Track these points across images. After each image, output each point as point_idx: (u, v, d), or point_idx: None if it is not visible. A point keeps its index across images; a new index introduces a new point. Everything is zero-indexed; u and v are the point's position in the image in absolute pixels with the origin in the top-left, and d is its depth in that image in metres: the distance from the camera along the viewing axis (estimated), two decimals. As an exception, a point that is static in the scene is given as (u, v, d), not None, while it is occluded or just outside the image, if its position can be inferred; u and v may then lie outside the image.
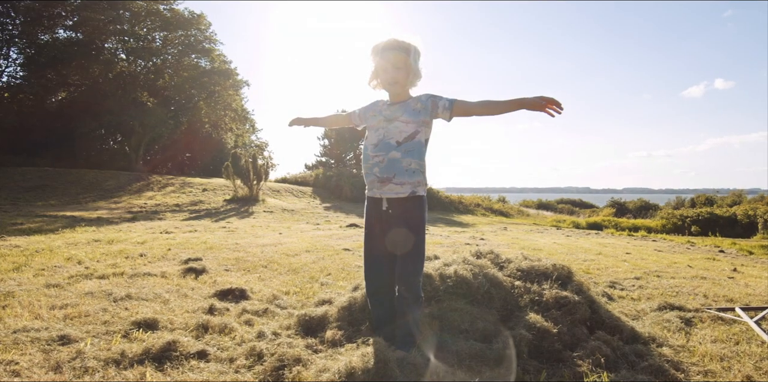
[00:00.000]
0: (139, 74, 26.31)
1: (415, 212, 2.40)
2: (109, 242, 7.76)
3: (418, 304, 2.39)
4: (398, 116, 2.43)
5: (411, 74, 2.43)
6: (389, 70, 2.41)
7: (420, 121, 2.41)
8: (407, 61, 2.39)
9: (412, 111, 2.42)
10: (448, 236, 11.76)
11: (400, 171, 2.39)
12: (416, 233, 2.39)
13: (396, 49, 2.38)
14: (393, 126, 2.42)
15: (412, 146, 2.40)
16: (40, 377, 1.86)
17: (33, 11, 22.92)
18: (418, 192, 2.41)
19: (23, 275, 4.35)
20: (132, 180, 22.05)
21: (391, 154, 2.40)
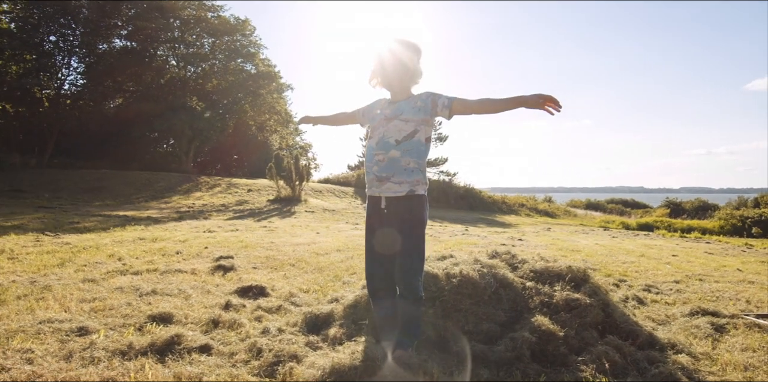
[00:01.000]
0: (189, 79, 27.40)
1: (413, 211, 2.38)
2: (153, 240, 8.12)
3: (418, 303, 2.37)
4: (398, 115, 2.42)
5: (410, 73, 2.42)
6: (388, 69, 2.42)
7: (420, 120, 2.40)
8: (406, 60, 2.39)
9: (412, 109, 2.41)
10: (485, 237, 11.57)
11: (399, 170, 2.38)
12: (414, 232, 2.37)
13: (396, 48, 2.39)
14: (392, 125, 2.42)
15: (411, 145, 2.39)
16: (50, 365, 1.98)
17: (92, 22, 24.32)
18: (417, 191, 2.40)
19: (66, 270, 4.62)
20: (182, 181, 22.98)
21: (390, 153, 2.39)
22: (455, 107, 2.38)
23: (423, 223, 2.40)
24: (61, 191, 19.55)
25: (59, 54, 24.31)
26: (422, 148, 2.43)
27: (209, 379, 1.88)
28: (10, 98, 22.72)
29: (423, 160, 2.45)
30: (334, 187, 27.62)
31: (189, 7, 26.19)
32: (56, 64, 24.36)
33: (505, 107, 2.28)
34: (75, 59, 25.04)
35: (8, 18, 23.15)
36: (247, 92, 26.74)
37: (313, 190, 25.29)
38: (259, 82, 26.90)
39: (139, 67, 24.64)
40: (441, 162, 39.28)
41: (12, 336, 2.32)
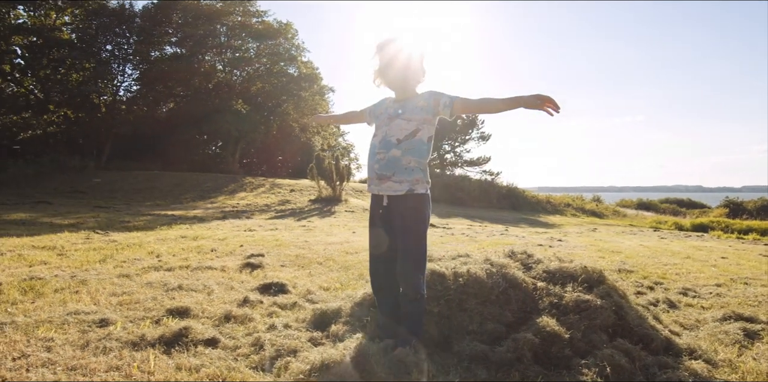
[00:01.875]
0: (235, 83, 28.29)
1: (413, 209, 2.38)
2: (194, 238, 8.44)
3: (419, 302, 2.36)
4: (400, 114, 2.43)
5: (412, 72, 2.42)
6: (388, 67, 2.43)
7: (421, 119, 2.40)
8: (405, 58, 2.39)
9: (414, 108, 2.41)
10: (524, 237, 11.33)
11: (399, 169, 2.39)
12: (415, 230, 2.37)
13: (395, 47, 2.40)
14: (395, 124, 2.43)
15: (412, 145, 2.40)
16: (65, 353, 2.11)
17: (144, 31, 25.55)
18: (416, 190, 2.40)
19: (105, 266, 4.89)
20: (228, 182, 23.75)
21: (391, 152, 2.41)
22: (456, 107, 2.39)
23: (423, 221, 2.40)
24: (116, 191, 20.62)
25: (115, 62, 25.68)
26: (423, 148, 2.43)
27: (208, 370, 1.95)
28: (71, 105, 24.19)
29: (424, 159, 2.44)
30: (375, 187, 27.77)
31: (235, 13, 27.05)
32: (112, 72, 25.74)
33: (504, 107, 2.28)
34: (129, 66, 26.39)
35: (69, 29, 24.67)
36: (290, 95, 27.33)
37: (353, 190, 25.55)
38: (300, 84, 27.44)
39: (187, 72, 25.68)
40: (483, 161, 38.73)
41: (39, 326, 2.49)
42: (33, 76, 23.46)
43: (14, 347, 2.13)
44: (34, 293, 3.35)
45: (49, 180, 20.65)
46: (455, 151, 39.41)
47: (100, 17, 24.62)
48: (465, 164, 39.41)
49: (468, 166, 39.31)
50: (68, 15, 25.03)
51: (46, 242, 6.75)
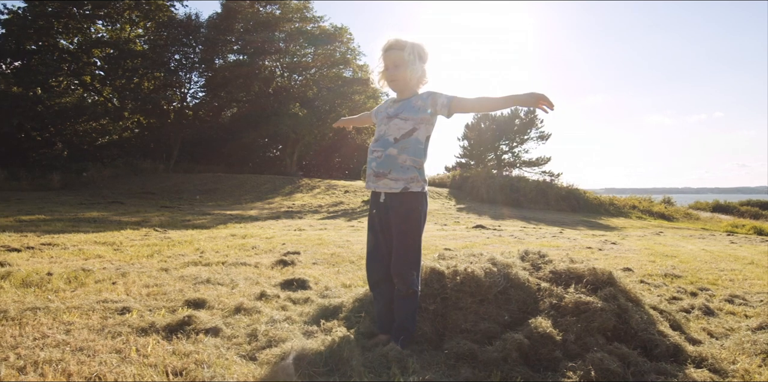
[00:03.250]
0: (292, 87, 29.22)
1: (407, 207, 2.43)
2: (243, 236, 8.82)
3: (412, 298, 2.39)
4: (398, 113, 2.49)
5: (410, 72, 2.46)
6: (390, 68, 2.49)
7: (418, 119, 2.45)
8: (406, 60, 2.43)
9: (412, 108, 2.46)
10: (575, 239, 10.91)
11: (395, 167, 2.44)
12: (408, 227, 2.41)
13: (397, 49, 2.45)
14: (393, 123, 2.49)
15: (408, 143, 2.45)
16: (80, 335, 2.31)
17: (209, 40, 26.97)
18: (411, 188, 2.45)
19: (151, 260, 5.24)
20: (285, 183, 24.57)
21: (388, 150, 2.47)
22: (453, 106, 2.41)
23: (417, 219, 2.43)
24: (182, 192, 21.90)
25: (182, 70, 27.30)
26: (420, 147, 2.47)
27: (197, 356, 2.07)
28: (143, 111, 25.98)
29: (420, 158, 2.48)
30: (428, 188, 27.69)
31: (293, 19, 27.96)
32: (180, 80, 27.36)
33: (500, 105, 2.34)
34: (195, 74, 27.99)
35: (142, 41, 26.49)
36: (344, 98, 27.87)
37: (407, 191, 25.64)
38: (353, 87, 27.91)
39: (248, 77, 26.85)
40: (543, 162, 37.62)
41: (67, 311, 2.73)
42: (110, 86, 25.39)
43: (38, 329, 2.37)
44: (78, 282, 3.66)
45: (123, 182, 22.27)
46: (513, 151, 38.56)
47: (169, 29, 26.27)
48: (523, 165, 38.48)
49: (527, 166, 38.34)
50: (141, 28, 26.89)
51: (107, 238, 7.31)
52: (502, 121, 37.55)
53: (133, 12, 25.62)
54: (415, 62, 2.45)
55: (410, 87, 2.52)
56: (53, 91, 23.85)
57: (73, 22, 24.31)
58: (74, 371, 1.86)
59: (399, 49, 2.44)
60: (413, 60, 2.44)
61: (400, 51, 2.43)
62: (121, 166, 23.11)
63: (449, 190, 27.69)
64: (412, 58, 2.44)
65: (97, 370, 1.88)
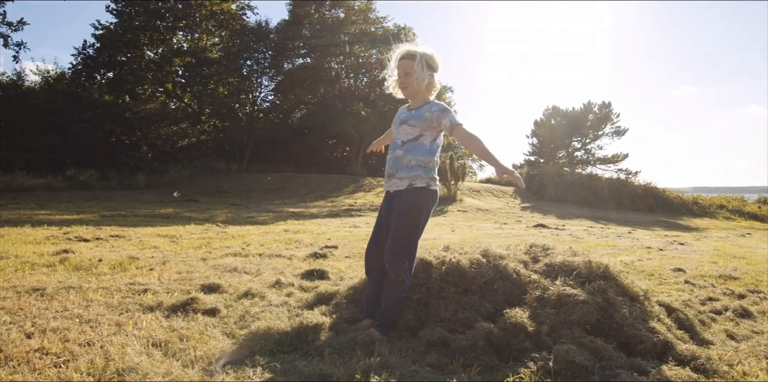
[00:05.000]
0: (357, 88, 29.79)
1: (409, 199, 2.56)
2: (295, 232, 9.19)
3: (399, 286, 2.46)
4: (408, 120, 2.67)
5: (419, 81, 2.60)
6: (402, 76, 2.66)
7: (425, 127, 2.62)
8: (416, 68, 2.58)
9: (420, 118, 2.62)
10: (638, 239, 10.30)
11: (401, 167, 2.62)
12: (406, 218, 2.53)
13: (408, 58, 2.62)
14: (402, 128, 2.69)
15: (413, 146, 2.63)
16: (95, 310, 2.60)
17: (278, 46, 28.15)
18: (416, 184, 2.58)
19: (197, 251, 5.63)
20: (349, 182, 25.13)
21: (396, 152, 2.67)
22: (454, 133, 2.55)
23: (416, 210, 2.55)
24: (252, 191, 23.06)
25: (254, 75, 28.69)
26: (424, 149, 2.63)
27: (184, 332, 2.26)
28: (218, 115, 27.64)
29: (426, 157, 2.62)
30: (493, 186, 27.16)
31: (357, 21, 28.50)
32: (252, 84, 28.79)
33: (486, 160, 2.52)
34: (265, 78, 29.31)
35: (217, 49, 28.17)
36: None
37: (471, 189, 25.27)
38: (416, 86, 27.93)
39: (314, 80, 27.72)
40: (619, 159, 35.51)
41: (95, 291, 3.06)
42: (189, 92, 27.24)
43: (63, 304, 2.68)
44: (120, 268, 4.05)
45: (199, 181, 23.84)
46: (586, 148, 36.77)
47: (241, 36, 27.73)
48: (597, 162, 36.55)
49: (601, 164, 36.39)
50: (217, 36, 28.61)
51: (170, 231, 7.92)
52: (574, 116, 35.94)
53: (210, 22, 27.30)
54: (424, 71, 2.60)
55: (420, 94, 2.67)
56: (139, 98, 26.02)
57: (157, 34, 26.37)
58: (72, 337, 2.11)
59: (410, 59, 2.60)
60: (422, 69, 2.59)
61: (411, 60, 2.60)
62: (198, 167, 24.71)
63: (515, 188, 26.97)
64: (421, 67, 2.59)
65: (90, 337, 2.13)
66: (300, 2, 28.13)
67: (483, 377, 1.92)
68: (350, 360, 1.96)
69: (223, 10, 27.04)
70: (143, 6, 25.18)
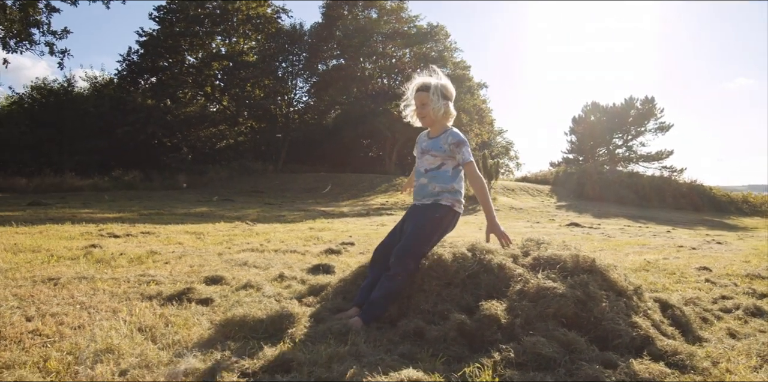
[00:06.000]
0: (391, 88, 29.90)
1: (432, 210, 2.77)
2: (320, 229, 9.34)
3: (395, 280, 2.56)
4: (429, 150, 2.87)
5: (435, 111, 2.79)
6: (419, 107, 2.85)
7: (445, 156, 2.83)
8: (431, 98, 2.77)
9: (440, 148, 2.83)
10: (673, 238, 9.91)
11: (426, 194, 2.84)
12: (420, 225, 2.73)
13: (423, 90, 2.81)
14: (425, 158, 2.89)
15: (437, 174, 2.83)
16: (97, 297, 2.76)
17: (313, 47, 28.62)
18: (441, 201, 2.79)
19: (218, 247, 5.82)
20: (382, 182, 25.25)
21: (421, 180, 2.89)
22: (466, 168, 2.82)
23: (433, 222, 2.73)
24: (287, 191, 23.52)
25: (289, 77, 29.27)
26: (448, 176, 2.83)
27: (172, 318, 2.38)
28: (255, 117, 28.38)
29: (449, 184, 2.82)
30: (529, 185, 26.68)
31: (389, 21, 28.62)
32: (287, 86, 29.38)
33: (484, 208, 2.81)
34: (300, 80, 29.88)
35: (254, 52, 28.90)
36: (439, 96, 27.86)
37: (505, 188, 24.91)
38: (448, 85, 27.77)
39: (347, 80, 28.03)
40: (663, 156, 34.15)
41: (105, 281, 3.24)
42: (227, 95, 28.07)
43: (70, 292, 2.86)
44: (138, 261, 4.25)
45: (236, 181, 24.53)
46: (628, 145, 35.53)
47: (277, 39, 28.35)
48: (640, 159, 35.27)
49: (644, 161, 35.09)
50: (253, 40, 29.34)
51: (198, 228, 8.20)
52: (615, 112, 34.82)
53: (246, 26, 28.06)
54: (439, 101, 2.77)
55: (438, 122, 2.85)
56: (180, 101, 27.05)
57: (196, 40, 27.32)
58: (67, 321, 2.26)
59: (425, 90, 2.79)
60: (437, 99, 2.77)
61: (426, 92, 2.78)
62: (235, 168, 25.43)
63: (551, 187, 26.37)
64: (436, 98, 2.77)
65: (84, 321, 2.28)
66: (333, 3, 28.51)
67: (449, 366, 1.94)
68: (319, 348, 2.01)
69: (258, 15, 27.75)
70: (183, 12, 26.14)
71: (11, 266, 3.65)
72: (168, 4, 26.62)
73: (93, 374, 1.66)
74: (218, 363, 1.78)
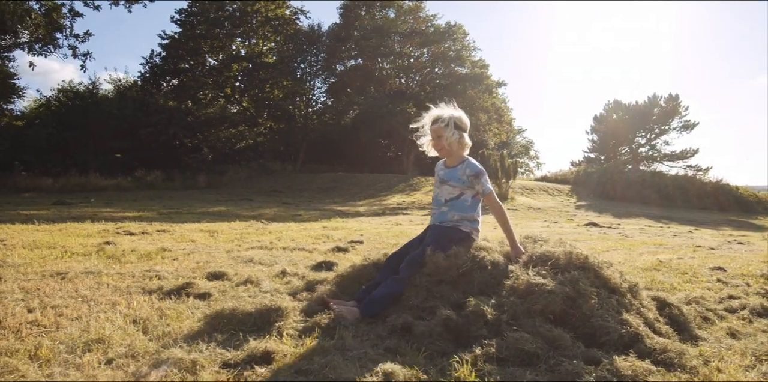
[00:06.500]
0: (409, 88, 29.88)
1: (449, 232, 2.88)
2: (334, 228, 9.39)
3: (401, 283, 2.62)
4: (447, 180, 3.00)
5: (450, 143, 2.92)
6: (435, 139, 2.98)
7: (464, 187, 2.95)
8: (446, 130, 2.89)
9: (458, 179, 2.95)
10: (693, 238, 9.68)
11: (446, 220, 2.95)
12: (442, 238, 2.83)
13: (438, 122, 2.94)
14: (444, 188, 3.01)
15: (457, 203, 2.95)
16: (99, 291, 2.84)
17: (330, 48, 28.78)
18: (461, 227, 2.91)
19: (228, 244, 5.92)
20: (399, 181, 25.24)
21: (441, 208, 2.99)
22: (487, 198, 2.91)
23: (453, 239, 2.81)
24: (305, 190, 23.70)
25: (307, 78, 29.50)
26: (467, 205, 2.95)
27: (167, 311, 2.44)
28: (274, 117, 28.69)
29: (468, 213, 2.95)
30: (548, 185, 26.33)
31: (407, 21, 28.60)
32: (306, 87, 29.61)
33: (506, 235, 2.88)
34: (319, 81, 30.08)
35: (272, 53, 29.21)
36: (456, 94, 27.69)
37: (524, 188, 24.64)
38: (465, 84, 27.59)
39: (364, 80, 28.11)
40: (688, 154, 33.30)
41: (110, 276, 3.34)
42: (247, 96, 28.43)
43: (75, 286, 2.96)
44: (147, 258, 4.36)
45: (255, 181, 24.82)
46: (651, 143, 34.76)
47: (295, 40, 28.60)
48: (664, 159, 34.46)
49: (668, 160, 34.27)
50: (272, 41, 29.66)
51: (212, 227, 8.34)
52: (638, 110, 34.11)
53: (265, 28, 28.38)
54: (453, 132, 2.90)
55: (454, 152, 2.99)
56: (201, 103, 27.51)
57: (217, 42, 27.75)
58: (66, 313, 2.35)
59: (440, 122, 2.92)
60: (452, 131, 2.90)
61: (441, 124, 2.91)
62: (255, 168, 25.73)
63: (572, 186, 25.99)
64: (451, 130, 2.90)
65: (81, 313, 2.36)
66: (351, 4, 28.62)
67: (431, 361, 1.95)
68: (305, 341, 2.04)
69: (277, 16, 28.03)
70: (204, 15, 26.58)
71: (25, 262, 3.78)
72: (189, 7, 27.12)
73: (80, 362, 1.72)
74: (201, 354, 1.83)
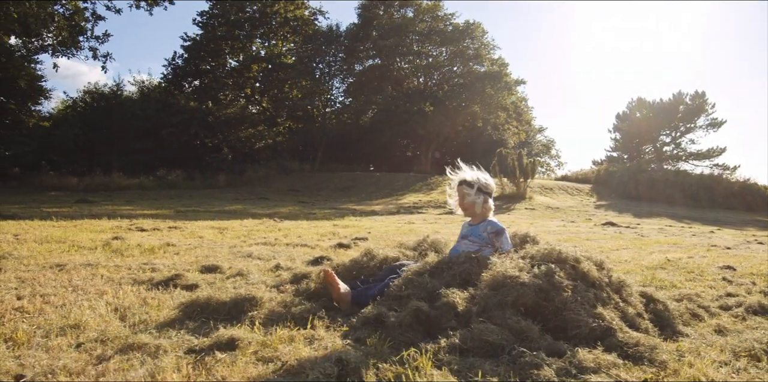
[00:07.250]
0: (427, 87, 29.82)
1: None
2: (344, 226, 9.44)
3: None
4: (468, 236, 3.16)
5: (475, 205, 3.12)
6: (460, 199, 3.21)
7: (483, 243, 3.06)
8: (472, 193, 3.11)
9: (479, 236, 3.10)
10: (710, 238, 9.43)
11: None
12: None
13: (465, 185, 3.17)
14: (464, 242, 3.16)
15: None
16: (94, 282, 2.93)
17: (349, 48, 28.92)
18: None
19: (235, 240, 6.02)
20: (416, 181, 25.19)
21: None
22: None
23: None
24: (322, 190, 23.86)
25: (325, 78, 29.70)
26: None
27: (151, 301, 2.51)
28: (293, 117, 28.95)
29: None
30: (568, 184, 25.94)
31: (425, 20, 28.55)
32: (324, 87, 29.81)
33: None
34: (337, 80, 30.25)
35: (291, 54, 29.49)
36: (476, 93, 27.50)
37: (543, 187, 24.33)
38: (485, 82, 27.37)
39: (382, 79, 28.17)
40: (715, 153, 32.37)
41: (107, 268, 3.43)
42: (267, 96, 28.77)
43: (70, 277, 3.06)
44: (149, 252, 4.46)
45: (274, 180, 25.09)
46: (676, 142, 33.90)
47: (314, 40, 28.82)
48: (690, 157, 33.59)
49: (694, 159, 33.40)
50: (291, 42, 29.96)
51: (223, 224, 8.48)
52: (662, 108, 33.30)
53: (284, 28, 28.68)
54: (479, 195, 3.13)
55: (478, 213, 3.17)
56: (221, 103, 27.95)
57: (237, 43, 28.17)
58: (53, 301, 2.43)
59: (467, 186, 3.15)
60: (477, 193, 3.13)
61: (468, 187, 3.14)
62: (273, 167, 26.02)
63: (592, 186, 25.55)
64: (476, 192, 3.13)
65: (68, 301, 2.44)
66: (369, 4, 28.70)
67: (395, 351, 1.96)
68: (275, 330, 2.07)
69: (296, 17, 28.29)
70: (225, 17, 27.00)
71: (30, 254, 3.92)
72: (210, 9, 27.59)
73: (51, 345, 1.79)
74: (169, 340, 1.88)
